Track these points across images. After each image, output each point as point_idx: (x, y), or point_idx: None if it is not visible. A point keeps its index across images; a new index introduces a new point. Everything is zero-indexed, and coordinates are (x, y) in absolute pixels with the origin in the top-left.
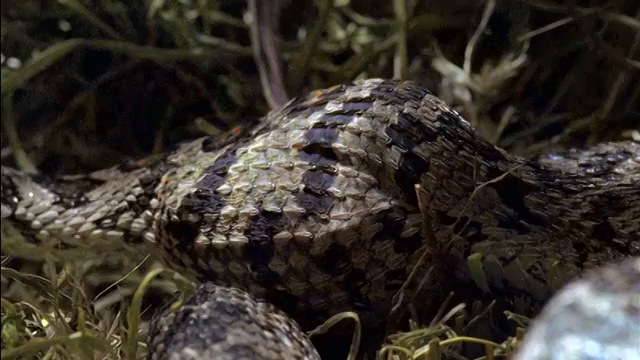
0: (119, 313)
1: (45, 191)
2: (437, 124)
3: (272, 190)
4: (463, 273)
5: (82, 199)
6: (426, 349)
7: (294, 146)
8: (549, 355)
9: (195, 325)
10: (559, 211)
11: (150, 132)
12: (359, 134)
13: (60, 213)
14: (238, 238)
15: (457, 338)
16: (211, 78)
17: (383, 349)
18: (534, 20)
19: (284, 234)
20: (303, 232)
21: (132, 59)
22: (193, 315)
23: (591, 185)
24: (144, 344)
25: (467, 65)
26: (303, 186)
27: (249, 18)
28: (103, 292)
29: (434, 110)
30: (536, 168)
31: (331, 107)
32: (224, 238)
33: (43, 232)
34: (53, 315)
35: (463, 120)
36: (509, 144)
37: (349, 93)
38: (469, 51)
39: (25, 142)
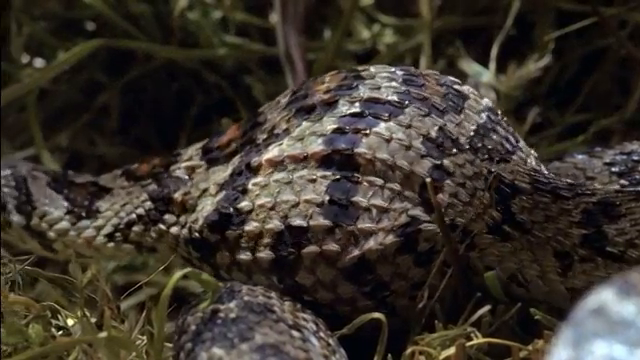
0: (144, 313)
1: (58, 198)
2: (470, 140)
3: (296, 204)
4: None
5: (93, 208)
6: (452, 350)
7: (313, 155)
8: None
9: (223, 324)
10: (544, 217)
11: (174, 132)
12: (388, 140)
13: (73, 224)
14: (264, 254)
15: (483, 340)
16: (235, 78)
17: (409, 350)
18: (558, 20)
19: (312, 248)
20: (331, 246)
21: (156, 59)
22: (220, 314)
23: (587, 192)
24: (169, 344)
25: (492, 65)
26: (328, 198)
27: (274, 18)
28: (129, 292)
29: (471, 125)
30: (536, 171)
31: (345, 107)
32: (249, 254)
33: (58, 243)
34: (79, 315)
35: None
36: (533, 143)
37: (363, 90)
38: (494, 51)
39: (49, 142)
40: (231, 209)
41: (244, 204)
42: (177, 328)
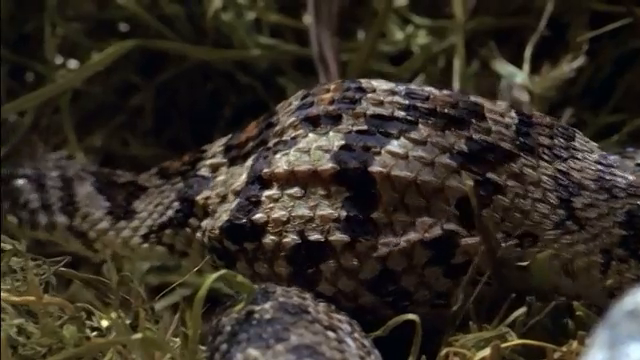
0: (178, 314)
1: (101, 198)
2: (517, 142)
3: (312, 219)
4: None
5: (130, 208)
6: (487, 351)
7: (323, 172)
8: None
9: (258, 325)
10: (597, 215)
11: (207, 133)
12: (404, 157)
13: (112, 225)
14: (283, 267)
15: (518, 341)
16: (269, 79)
17: (444, 351)
18: (592, 21)
19: (331, 263)
20: (351, 260)
21: (190, 60)
22: (256, 315)
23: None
24: (202, 346)
25: (526, 66)
26: (345, 214)
27: (307, 19)
28: (163, 293)
29: (507, 127)
30: (600, 163)
31: (349, 123)
32: (266, 266)
33: (98, 244)
34: (113, 316)
35: (537, 115)
36: None
37: (366, 105)
38: (528, 52)
39: (83, 143)
40: (245, 220)
41: (258, 216)
42: (211, 329)
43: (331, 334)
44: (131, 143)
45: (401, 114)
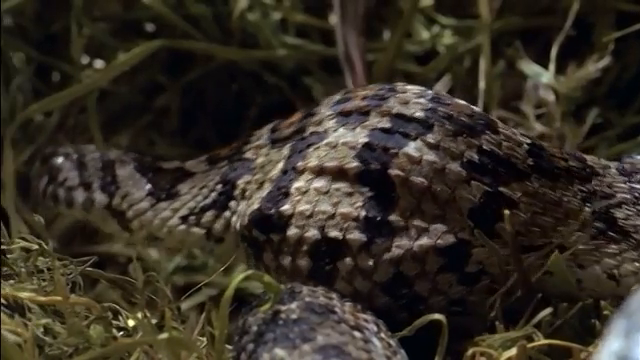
0: (204, 313)
1: (142, 180)
2: (529, 161)
3: (333, 216)
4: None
5: (173, 191)
6: (513, 351)
7: (347, 171)
8: (628, 350)
9: (284, 325)
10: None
11: (233, 133)
12: (418, 162)
13: (152, 205)
14: (304, 261)
15: (544, 341)
16: (295, 79)
17: (470, 351)
18: (618, 21)
19: (347, 261)
20: (366, 260)
21: (216, 60)
22: (282, 315)
23: None
24: (228, 346)
25: (552, 66)
26: (364, 214)
27: (333, 19)
28: (189, 293)
29: (519, 145)
30: (627, 176)
31: (375, 120)
32: (289, 259)
33: (135, 223)
34: (139, 315)
35: (547, 145)
36: (593, 145)
37: (394, 104)
38: (554, 52)
39: (109, 142)
40: (273, 211)
41: (285, 208)
42: (238, 329)
43: (357, 334)
44: (157, 143)
45: (421, 115)
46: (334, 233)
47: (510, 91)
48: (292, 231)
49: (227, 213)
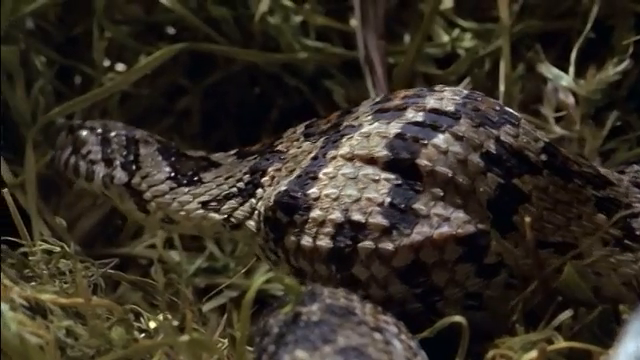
0: (225, 315)
1: (163, 163)
2: (543, 157)
3: (358, 200)
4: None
5: (195, 178)
6: (534, 354)
7: (377, 159)
8: None
9: (305, 327)
10: None
11: (255, 136)
12: (445, 152)
13: (172, 189)
14: (324, 242)
15: (564, 344)
16: (316, 82)
17: (490, 353)
18: (638, 24)
19: (367, 244)
20: (386, 244)
21: (237, 63)
22: (303, 317)
23: None
24: (249, 347)
25: (572, 69)
26: (389, 200)
27: (354, 22)
28: (210, 295)
29: (535, 141)
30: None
31: (411, 114)
32: (310, 240)
33: (153, 204)
34: (161, 317)
35: (563, 150)
36: (612, 148)
37: (429, 100)
38: (574, 55)
39: None
40: (300, 193)
41: (312, 191)
42: (259, 331)
43: (378, 336)
44: (179, 146)
45: (451, 109)
46: (357, 216)
47: (530, 94)
48: (316, 213)
49: (253, 200)
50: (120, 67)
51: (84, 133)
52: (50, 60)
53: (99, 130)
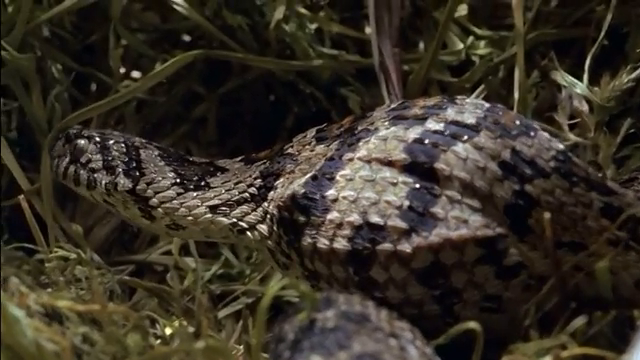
0: (241, 322)
1: (167, 169)
2: (552, 164)
3: (376, 202)
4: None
5: (202, 183)
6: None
7: (395, 162)
8: None
9: (321, 333)
10: None
11: (270, 142)
12: (464, 160)
13: (179, 195)
14: (341, 245)
15: (579, 350)
16: (331, 89)
17: (504, 359)
18: None
19: (387, 246)
20: (405, 246)
21: (252, 70)
22: (318, 323)
23: None
24: (264, 354)
25: (586, 76)
26: (407, 203)
27: (369, 30)
28: (225, 301)
29: (548, 150)
30: None
31: (431, 124)
32: (327, 243)
33: (159, 210)
34: (176, 324)
35: (575, 159)
36: (626, 155)
37: (450, 113)
38: (588, 62)
39: None
40: (318, 195)
41: (330, 192)
42: (274, 337)
43: (393, 342)
44: (194, 153)
45: (472, 122)
46: (376, 218)
47: (544, 101)
48: (333, 215)
49: (265, 204)
50: (136, 74)
51: (82, 142)
52: (66, 67)
53: (97, 138)
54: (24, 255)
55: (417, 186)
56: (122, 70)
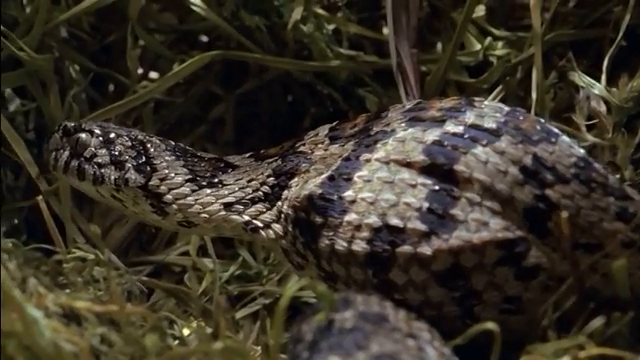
0: (258, 322)
1: (178, 164)
2: (572, 170)
3: (395, 204)
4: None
5: (215, 180)
6: None
7: (414, 164)
8: None
9: (339, 334)
10: None
11: None
12: (485, 163)
13: (193, 191)
14: (360, 247)
15: (596, 350)
16: (349, 90)
17: (523, 359)
18: None
19: (406, 249)
20: (425, 249)
21: (270, 71)
22: (336, 324)
23: None
24: (282, 355)
25: (604, 77)
26: (427, 205)
27: (386, 30)
28: (243, 302)
29: (568, 156)
30: None
31: (450, 127)
32: (345, 245)
33: (173, 207)
34: (194, 324)
35: (596, 164)
36: None
37: (470, 116)
38: (606, 63)
39: None
40: (335, 196)
41: (348, 194)
42: (292, 337)
43: (411, 342)
44: (212, 153)
45: (493, 126)
46: (395, 221)
47: (562, 102)
48: (351, 216)
49: (279, 203)
50: (153, 75)
51: (83, 135)
52: (84, 68)
53: (98, 131)
54: (42, 256)
55: (436, 188)
56: (140, 71)
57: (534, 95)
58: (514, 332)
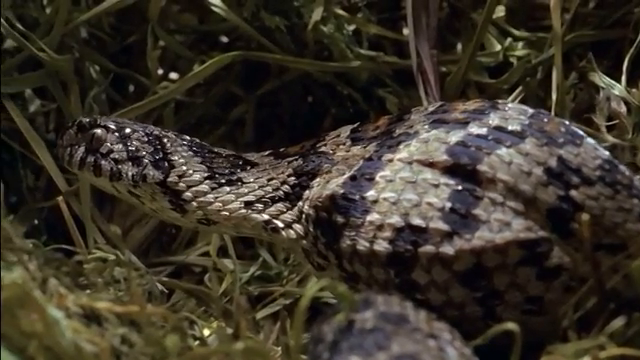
0: (279, 323)
1: (196, 160)
2: (597, 172)
3: (418, 204)
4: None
5: (234, 178)
6: None
7: (437, 163)
8: None
9: (359, 334)
10: None
11: None
12: (509, 163)
13: (213, 189)
14: (382, 247)
15: (617, 350)
16: (369, 91)
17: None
18: None
19: (429, 248)
20: (447, 249)
21: (290, 72)
22: (357, 324)
23: None
24: (303, 355)
25: (624, 78)
26: (449, 205)
27: (406, 31)
28: (264, 302)
29: (594, 158)
30: None
31: (474, 129)
32: (367, 244)
33: (193, 204)
34: (215, 325)
35: (621, 166)
36: None
37: (494, 118)
38: (626, 64)
39: None
40: (357, 196)
41: (370, 194)
42: (313, 338)
43: (432, 342)
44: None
45: (517, 129)
46: (417, 221)
47: (582, 103)
48: (374, 216)
49: (300, 203)
50: (174, 76)
51: (99, 131)
52: (104, 69)
53: (113, 127)
54: (63, 256)
55: (459, 188)
56: (160, 71)
57: (554, 96)
58: (535, 332)
